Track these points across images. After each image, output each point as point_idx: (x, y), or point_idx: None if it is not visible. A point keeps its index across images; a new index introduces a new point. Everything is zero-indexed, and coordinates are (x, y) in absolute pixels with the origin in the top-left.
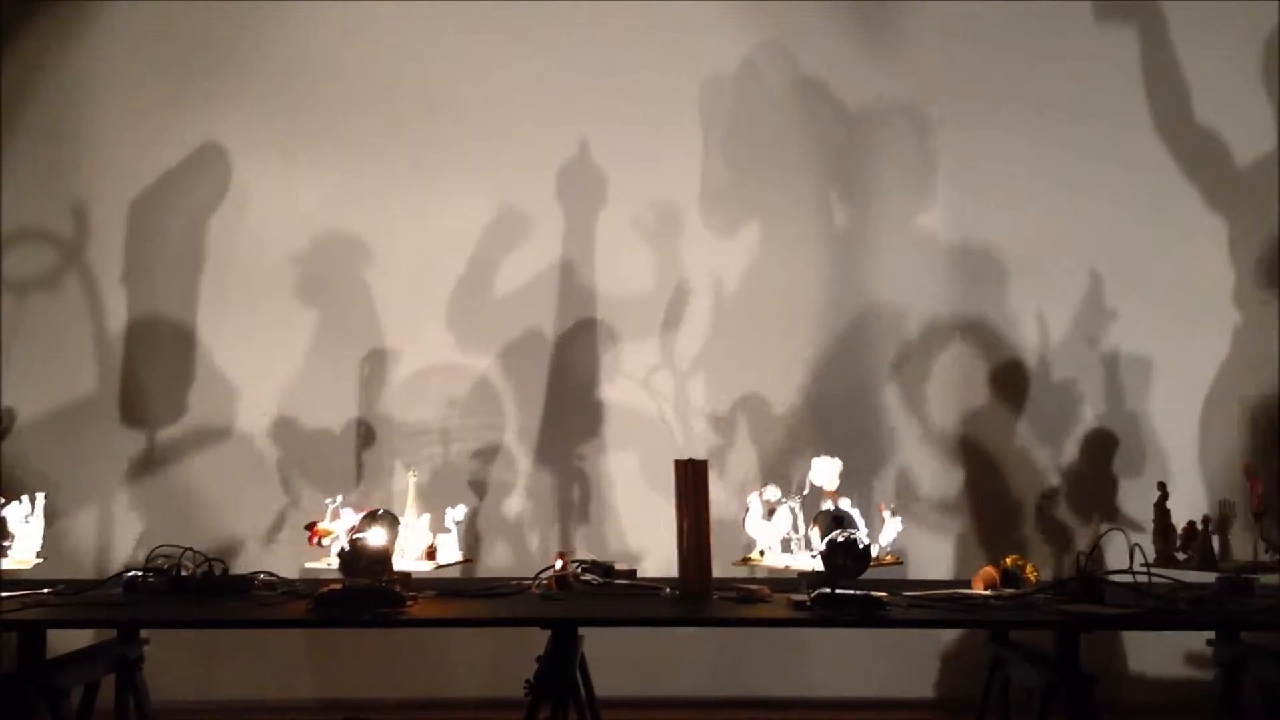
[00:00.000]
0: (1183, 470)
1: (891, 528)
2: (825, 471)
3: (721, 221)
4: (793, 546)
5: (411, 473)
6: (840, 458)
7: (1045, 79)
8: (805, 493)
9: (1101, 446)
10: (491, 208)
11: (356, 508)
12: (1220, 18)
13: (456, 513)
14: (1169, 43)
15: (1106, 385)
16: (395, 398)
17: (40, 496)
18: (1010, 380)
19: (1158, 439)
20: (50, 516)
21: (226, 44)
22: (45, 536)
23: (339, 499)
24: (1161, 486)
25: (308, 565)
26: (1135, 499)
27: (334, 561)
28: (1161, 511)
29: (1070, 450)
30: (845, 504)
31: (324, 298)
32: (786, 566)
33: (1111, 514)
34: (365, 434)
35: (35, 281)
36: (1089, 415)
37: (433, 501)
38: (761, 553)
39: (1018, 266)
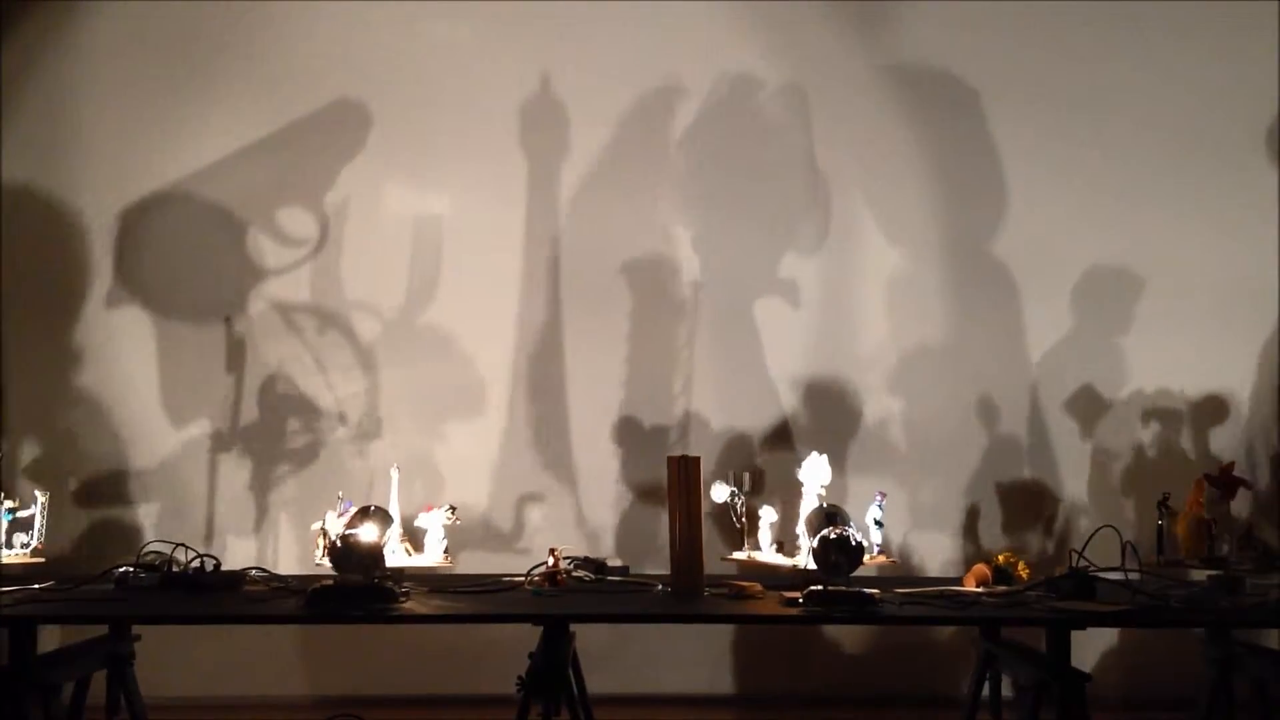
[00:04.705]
0: None
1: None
2: (816, 469)
3: (716, 217)
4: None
5: (395, 469)
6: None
7: (1048, 76)
8: (748, 489)
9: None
10: (488, 200)
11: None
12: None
13: (438, 514)
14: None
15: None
16: (383, 391)
17: (39, 495)
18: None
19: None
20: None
21: (218, 43)
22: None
23: (340, 493)
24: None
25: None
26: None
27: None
28: (1195, 506)
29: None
30: (878, 502)
31: (318, 290)
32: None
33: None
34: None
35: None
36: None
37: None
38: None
39: (1024, 269)
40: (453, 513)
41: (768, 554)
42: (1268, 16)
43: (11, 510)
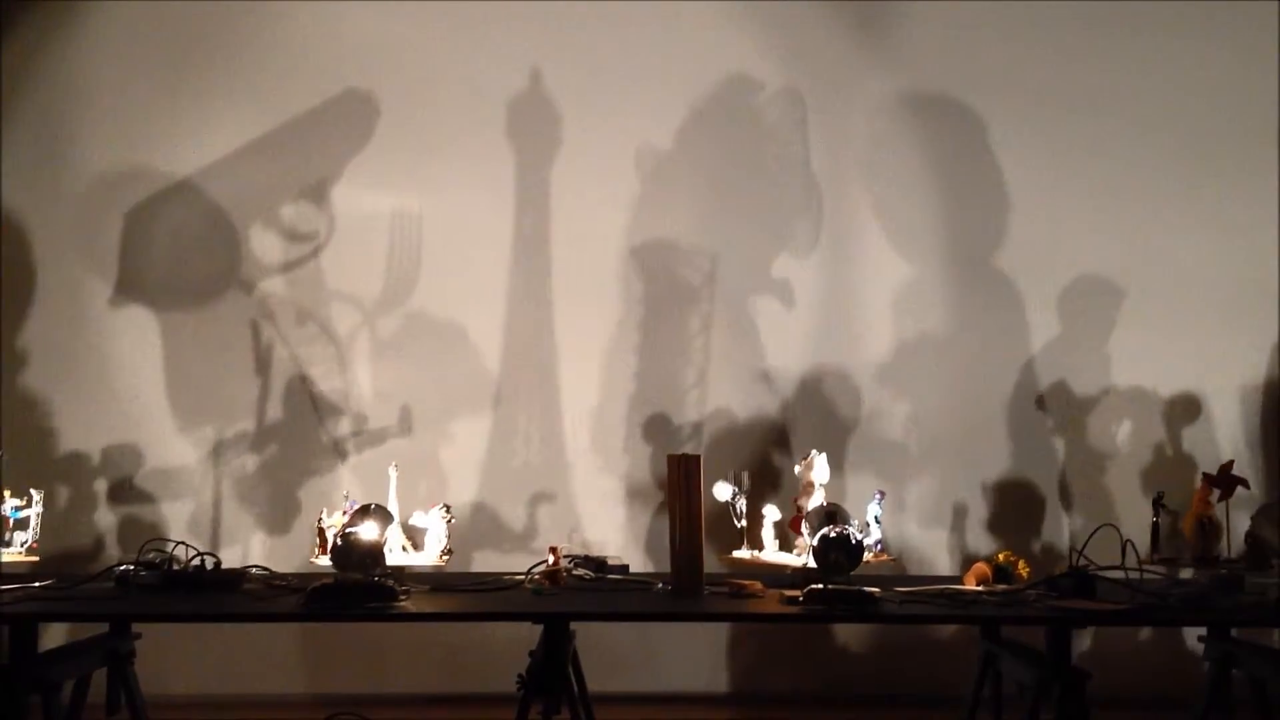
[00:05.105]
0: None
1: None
2: (816, 468)
3: (714, 217)
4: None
5: (393, 467)
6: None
7: (1048, 76)
8: (747, 488)
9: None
10: (489, 199)
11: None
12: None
13: (435, 513)
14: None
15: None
16: (374, 390)
17: (34, 494)
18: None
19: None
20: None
21: (217, 42)
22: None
23: (345, 493)
24: (1206, 478)
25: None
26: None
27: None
28: (1201, 505)
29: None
30: (877, 500)
31: (322, 289)
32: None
33: None
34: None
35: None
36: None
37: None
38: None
39: (1023, 270)
40: (447, 511)
41: (771, 552)
42: (1268, 16)
43: (17, 508)
